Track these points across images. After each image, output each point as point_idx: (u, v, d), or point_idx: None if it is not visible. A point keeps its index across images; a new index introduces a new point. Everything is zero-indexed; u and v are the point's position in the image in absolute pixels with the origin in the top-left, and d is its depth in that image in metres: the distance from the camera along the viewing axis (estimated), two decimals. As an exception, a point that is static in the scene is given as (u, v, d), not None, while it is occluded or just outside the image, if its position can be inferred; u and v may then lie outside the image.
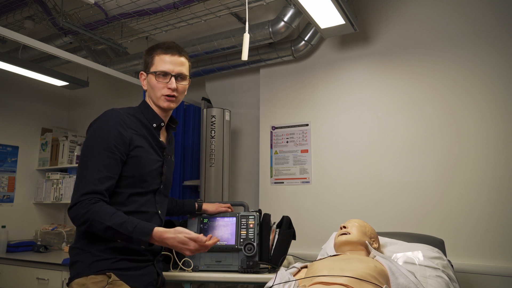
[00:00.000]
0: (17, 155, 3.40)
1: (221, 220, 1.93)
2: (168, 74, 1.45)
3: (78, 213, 1.26)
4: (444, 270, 1.61)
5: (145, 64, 1.51)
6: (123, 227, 1.25)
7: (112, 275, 1.31)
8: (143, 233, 1.25)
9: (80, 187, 1.28)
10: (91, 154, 1.33)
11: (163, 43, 1.48)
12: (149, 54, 1.49)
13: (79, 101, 3.88)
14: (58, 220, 3.63)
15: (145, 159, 1.41)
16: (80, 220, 1.27)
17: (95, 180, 1.28)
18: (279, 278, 1.40)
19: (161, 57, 1.45)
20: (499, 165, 2.08)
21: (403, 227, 2.19)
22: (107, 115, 1.39)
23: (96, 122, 1.39)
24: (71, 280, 1.33)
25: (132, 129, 1.40)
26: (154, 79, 1.45)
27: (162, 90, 1.45)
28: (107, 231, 1.25)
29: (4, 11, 2.61)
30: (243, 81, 3.17)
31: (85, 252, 1.33)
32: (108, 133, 1.34)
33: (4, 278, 2.77)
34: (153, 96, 1.48)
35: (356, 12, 2.54)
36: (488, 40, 2.18)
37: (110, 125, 1.35)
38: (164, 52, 1.45)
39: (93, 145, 1.34)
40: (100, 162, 1.31)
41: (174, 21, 2.49)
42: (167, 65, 1.44)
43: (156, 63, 1.45)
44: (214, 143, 2.75)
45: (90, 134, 1.37)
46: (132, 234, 1.25)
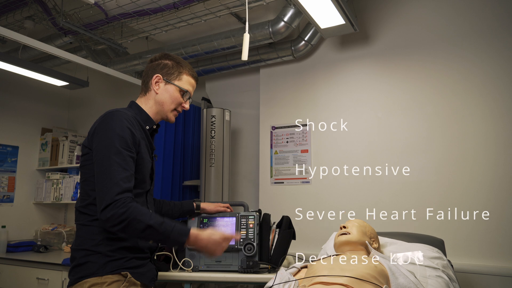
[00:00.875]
0: (17, 155, 3.41)
1: (221, 220, 1.93)
2: (188, 95, 1.58)
3: (116, 213, 1.24)
4: (444, 270, 1.61)
5: (167, 71, 1.54)
6: (163, 227, 1.27)
7: (128, 274, 1.34)
8: (181, 234, 1.30)
9: (112, 187, 1.26)
10: (113, 153, 1.31)
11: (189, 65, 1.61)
12: (177, 66, 1.56)
13: (79, 101, 3.88)
14: (58, 220, 3.63)
15: (145, 161, 1.45)
16: (117, 220, 1.24)
17: (124, 178, 1.29)
18: (279, 278, 1.40)
19: (189, 79, 1.58)
20: (499, 165, 2.08)
21: (403, 227, 2.19)
22: (117, 115, 1.38)
23: (105, 123, 1.37)
24: (80, 280, 1.32)
25: (137, 129, 1.44)
26: (178, 93, 1.54)
27: (178, 105, 1.56)
28: (146, 230, 1.26)
29: (4, 11, 2.61)
30: (243, 81, 3.17)
31: (95, 253, 1.33)
32: (124, 132, 1.35)
33: (4, 278, 2.77)
34: (165, 106, 1.54)
35: (356, 12, 2.55)
36: (488, 40, 2.18)
37: (123, 125, 1.36)
38: (192, 76, 1.59)
39: (112, 144, 1.32)
40: (123, 161, 1.31)
41: (174, 21, 2.49)
42: (191, 88, 1.59)
43: (184, 81, 1.56)
44: (214, 143, 2.75)
45: (105, 133, 1.35)
46: (171, 234, 1.28)
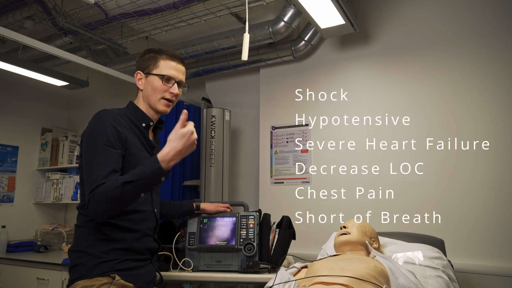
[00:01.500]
0: (17, 155, 3.40)
1: (221, 220, 1.93)
2: (172, 79, 1.49)
3: (94, 204, 1.24)
4: (444, 270, 1.61)
5: (144, 64, 1.52)
6: (134, 175, 1.24)
7: (117, 276, 1.32)
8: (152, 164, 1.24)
9: (91, 184, 1.27)
10: (93, 151, 1.33)
11: (167, 50, 1.53)
12: (151, 56, 1.51)
13: (79, 101, 3.88)
14: (58, 220, 3.63)
15: (139, 156, 1.43)
16: (100, 209, 1.24)
17: (102, 176, 1.28)
18: (279, 278, 1.40)
19: (167, 62, 1.50)
20: (499, 165, 2.08)
21: (403, 227, 2.19)
22: (99, 115, 1.40)
23: (90, 124, 1.39)
24: (72, 282, 1.33)
25: (125, 127, 1.42)
26: (159, 82, 1.48)
27: (164, 93, 1.49)
28: (124, 188, 1.23)
29: (4, 11, 2.61)
30: (243, 81, 3.17)
31: (87, 255, 1.33)
32: (106, 130, 1.35)
33: (4, 278, 2.77)
34: (151, 98, 1.50)
35: (356, 12, 2.54)
36: (488, 40, 2.18)
37: (105, 123, 1.36)
38: (170, 58, 1.51)
39: (93, 143, 1.34)
40: (104, 158, 1.31)
41: (174, 21, 2.49)
42: (172, 70, 1.50)
43: (161, 67, 1.49)
44: (214, 143, 2.75)
45: (88, 135, 1.38)
46: (146, 173, 1.24)
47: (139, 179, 1.23)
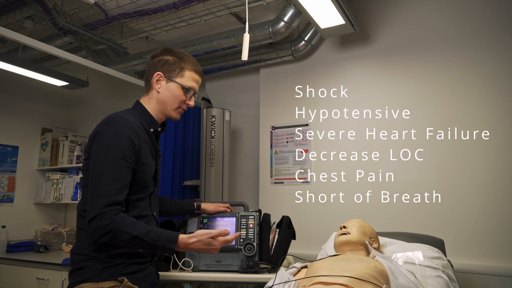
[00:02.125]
0: (17, 155, 3.40)
1: (221, 220, 1.93)
2: (191, 91, 1.52)
3: (101, 225, 1.24)
4: (444, 270, 1.61)
5: (167, 68, 1.49)
6: (149, 237, 1.26)
7: (125, 279, 1.33)
8: (169, 241, 1.29)
9: (100, 199, 1.26)
10: (107, 163, 1.30)
11: (192, 59, 1.54)
12: (178, 63, 1.49)
13: (79, 101, 3.88)
14: (58, 220, 3.63)
15: (148, 166, 1.43)
16: (102, 232, 1.25)
17: (115, 191, 1.28)
18: (279, 278, 1.40)
19: (192, 74, 1.52)
20: (499, 165, 2.08)
21: (403, 227, 2.19)
22: (118, 122, 1.37)
23: (105, 129, 1.36)
24: (77, 284, 1.32)
25: (140, 136, 1.40)
26: (181, 91, 1.49)
27: (181, 103, 1.51)
28: (133, 241, 1.26)
29: (4, 11, 2.61)
30: (243, 81, 3.17)
31: (93, 259, 1.33)
32: (122, 142, 1.33)
33: (4, 278, 2.77)
34: (168, 104, 1.50)
35: (356, 12, 2.55)
36: (488, 40, 2.18)
37: (123, 134, 1.34)
38: (195, 71, 1.53)
39: (108, 154, 1.31)
40: (117, 171, 1.30)
41: (174, 21, 2.49)
42: (195, 84, 1.54)
43: (186, 77, 1.51)
44: (214, 143, 2.75)
45: (102, 142, 1.34)
46: (158, 243, 1.27)
47: (149, 243, 1.27)
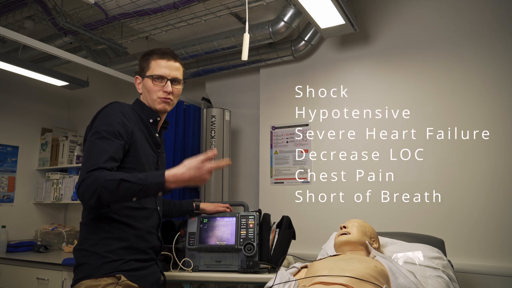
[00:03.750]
0: (17, 155, 3.40)
1: (221, 220, 1.93)
2: (164, 78, 1.50)
3: (87, 184, 1.23)
4: (444, 270, 1.61)
5: (140, 68, 1.56)
6: (135, 178, 1.24)
7: (122, 277, 1.33)
8: (157, 176, 1.25)
9: (85, 167, 1.28)
10: (97, 139, 1.34)
11: (158, 49, 1.55)
12: (144, 59, 1.54)
13: (79, 101, 3.88)
14: (58, 220, 3.63)
15: (143, 152, 1.45)
16: (90, 190, 1.23)
17: (101, 159, 1.29)
18: (279, 278, 1.40)
19: (157, 62, 1.51)
20: (499, 165, 2.08)
21: (403, 227, 2.19)
22: (112, 105, 1.44)
23: (100, 112, 1.42)
24: (77, 282, 1.33)
25: (133, 121, 1.45)
26: (151, 83, 1.50)
27: (158, 93, 1.51)
28: (120, 185, 1.22)
29: (4, 11, 2.61)
30: (243, 81, 3.17)
31: (92, 254, 1.33)
32: (113, 121, 1.38)
33: (4, 278, 2.77)
34: (149, 99, 1.53)
35: (356, 12, 2.54)
36: (488, 40, 2.18)
37: (115, 114, 1.39)
38: (160, 57, 1.52)
39: (99, 131, 1.35)
40: (106, 146, 1.32)
41: (174, 21, 2.49)
42: (163, 69, 1.50)
43: (152, 68, 1.51)
44: (214, 143, 2.75)
45: (96, 122, 1.40)
46: (146, 181, 1.24)
47: (137, 184, 1.23)
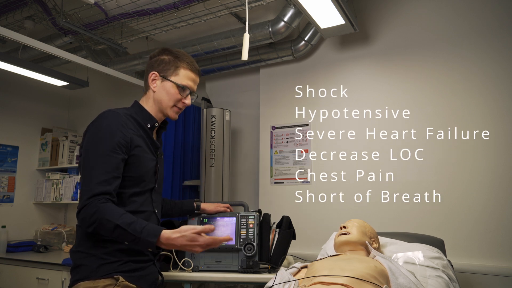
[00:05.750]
0: (17, 155, 3.40)
1: (221, 220, 1.93)
2: (187, 90, 1.51)
3: (87, 214, 1.25)
4: (444, 270, 1.61)
5: (162, 67, 1.50)
6: (132, 227, 1.24)
7: (120, 278, 1.32)
8: (151, 235, 1.25)
9: (88, 190, 1.27)
10: (96, 155, 1.32)
11: (187, 57, 1.53)
12: (172, 60, 1.50)
13: (79, 101, 3.88)
14: (58, 220, 3.63)
15: (143, 159, 1.43)
16: (89, 221, 1.25)
17: (103, 182, 1.28)
18: (279, 278, 1.40)
19: (187, 73, 1.51)
20: (499, 165, 2.08)
21: (403, 227, 2.19)
22: (107, 116, 1.39)
23: (96, 123, 1.38)
24: (75, 283, 1.32)
25: (131, 129, 1.41)
26: (175, 90, 1.49)
27: (177, 102, 1.51)
28: (116, 230, 1.23)
29: (4, 11, 2.61)
30: (243, 81, 3.17)
31: (90, 256, 1.33)
32: (111, 134, 1.34)
33: (4, 278, 2.77)
34: (164, 103, 1.50)
35: (356, 12, 2.54)
36: (488, 40, 2.18)
37: (112, 126, 1.35)
38: (191, 69, 1.52)
39: (97, 146, 1.33)
40: (106, 163, 1.30)
41: (174, 21, 2.49)
42: (190, 82, 1.52)
43: (181, 76, 1.50)
44: (214, 143, 2.75)
45: (91, 135, 1.37)
46: (141, 235, 1.24)
47: (131, 234, 1.24)
